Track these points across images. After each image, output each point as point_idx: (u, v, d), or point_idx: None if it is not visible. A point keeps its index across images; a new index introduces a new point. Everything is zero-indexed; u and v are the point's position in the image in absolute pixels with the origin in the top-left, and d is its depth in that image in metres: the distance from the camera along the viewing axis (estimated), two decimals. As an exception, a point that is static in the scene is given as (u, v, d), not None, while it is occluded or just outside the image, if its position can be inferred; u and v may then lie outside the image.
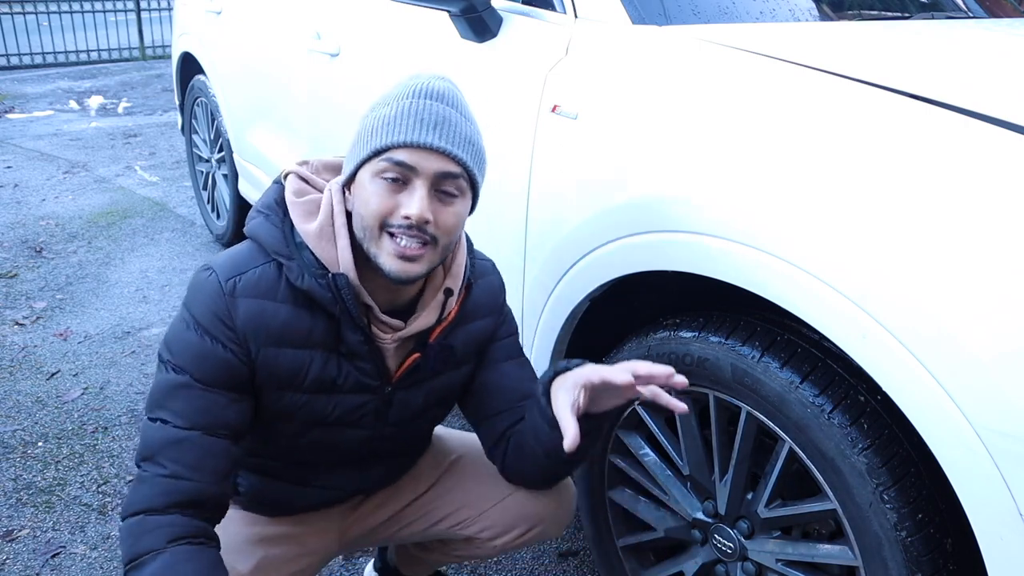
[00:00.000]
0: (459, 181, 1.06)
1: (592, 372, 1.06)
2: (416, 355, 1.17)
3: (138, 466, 1.05)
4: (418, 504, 1.37)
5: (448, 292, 1.16)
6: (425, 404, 1.24)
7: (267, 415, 1.14)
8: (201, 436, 1.04)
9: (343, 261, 1.07)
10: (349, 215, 1.10)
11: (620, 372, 1.02)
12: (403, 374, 1.18)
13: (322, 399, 1.14)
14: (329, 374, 1.12)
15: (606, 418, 1.16)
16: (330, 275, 1.06)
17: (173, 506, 1.02)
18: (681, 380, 1.01)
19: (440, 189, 1.05)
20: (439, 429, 1.47)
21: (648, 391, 1.02)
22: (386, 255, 1.04)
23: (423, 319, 1.15)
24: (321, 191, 1.14)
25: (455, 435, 1.46)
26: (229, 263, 1.08)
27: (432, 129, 1.03)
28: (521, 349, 1.33)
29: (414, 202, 1.02)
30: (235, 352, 1.06)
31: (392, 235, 1.04)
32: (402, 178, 1.03)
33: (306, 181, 1.15)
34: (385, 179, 1.03)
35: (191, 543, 1.01)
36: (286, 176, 1.15)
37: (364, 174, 1.05)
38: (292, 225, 1.10)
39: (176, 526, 1.01)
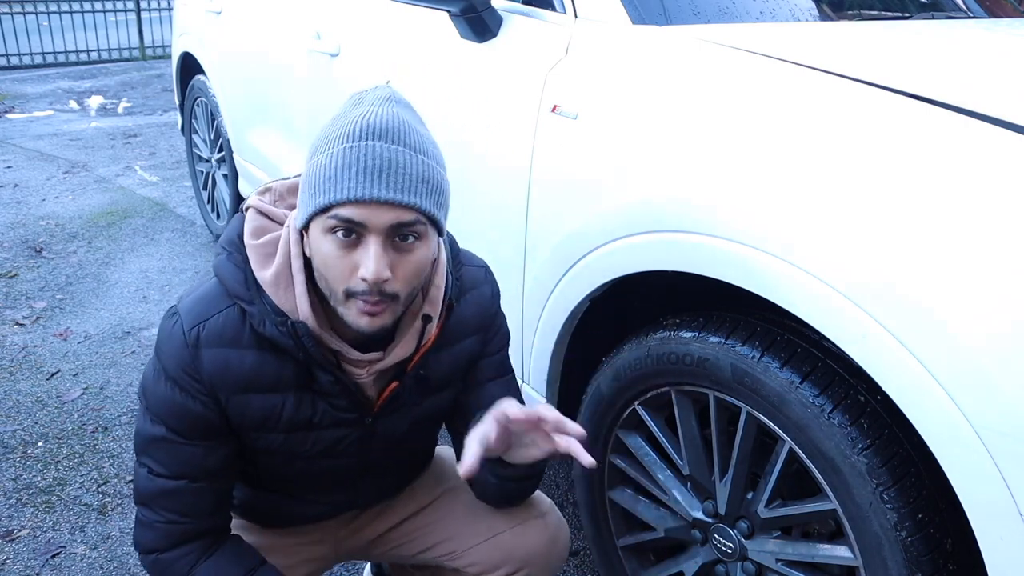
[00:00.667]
0: (417, 227, 0.97)
1: (504, 406, 1.03)
2: (394, 385, 1.13)
3: (136, 504, 1.13)
4: (409, 525, 1.35)
5: (426, 319, 1.10)
6: (411, 428, 1.21)
7: (249, 450, 1.14)
8: (187, 484, 1.09)
9: (301, 310, 1.02)
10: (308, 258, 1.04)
11: (524, 411, 1.00)
12: (383, 404, 1.14)
13: (300, 436, 1.12)
14: (304, 414, 1.10)
15: (529, 471, 1.14)
16: (289, 323, 1.01)
17: (177, 544, 1.12)
18: (578, 430, 0.99)
19: (396, 240, 0.97)
20: (443, 450, 1.44)
21: (564, 442, 0.99)
22: (353, 315, 0.99)
23: (400, 349, 1.09)
24: (282, 224, 1.08)
25: (455, 460, 1.42)
26: (194, 308, 1.05)
27: (377, 179, 0.93)
28: (509, 366, 1.28)
29: (369, 263, 0.94)
30: (204, 403, 1.05)
31: (356, 298, 0.98)
32: (355, 235, 0.95)
33: (267, 215, 1.08)
34: (337, 237, 0.95)
35: (210, 556, 1.13)
36: (247, 209, 1.09)
37: (315, 228, 0.97)
38: None
39: (191, 553, 1.12)
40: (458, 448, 1.28)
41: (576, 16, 1.54)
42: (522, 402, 1.26)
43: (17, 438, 2.23)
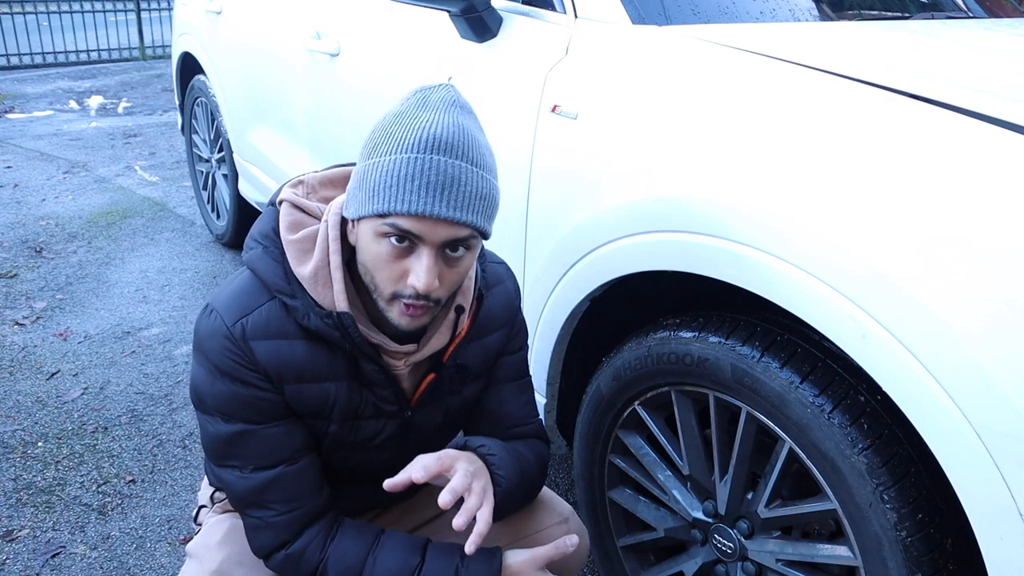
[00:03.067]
0: (470, 241, 0.99)
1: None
2: (431, 376, 1.14)
3: (242, 511, 1.12)
4: (430, 528, 1.34)
5: (459, 310, 1.11)
6: (445, 421, 1.22)
7: None
8: (286, 468, 1.09)
9: (339, 305, 1.03)
10: (345, 241, 1.05)
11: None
12: (421, 395, 1.16)
13: (346, 426, 1.13)
14: (353, 403, 1.11)
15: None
16: (335, 314, 1.02)
17: (299, 532, 1.11)
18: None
19: (448, 252, 0.98)
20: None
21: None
22: (395, 314, 1.01)
23: (435, 340, 1.11)
24: (318, 218, 1.09)
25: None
26: (232, 303, 1.04)
27: (439, 196, 0.93)
28: (527, 368, 1.29)
29: (421, 274, 0.96)
30: (269, 388, 1.05)
31: (402, 300, 1.00)
32: (408, 243, 0.97)
33: (301, 209, 1.09)
34: (389, 241, 0.96)
35: (334, 537, 1.12)
36: (281, 202, 1.09)
37: (367, 227, 0.98)
38: None
39: (317, 537, 1.11)
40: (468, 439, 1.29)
41: (576, 16, 1.54)
42: (534, 404, 1.29)
43: (17, 438, 2.23)
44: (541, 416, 1.39)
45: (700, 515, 1.35)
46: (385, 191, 0.94)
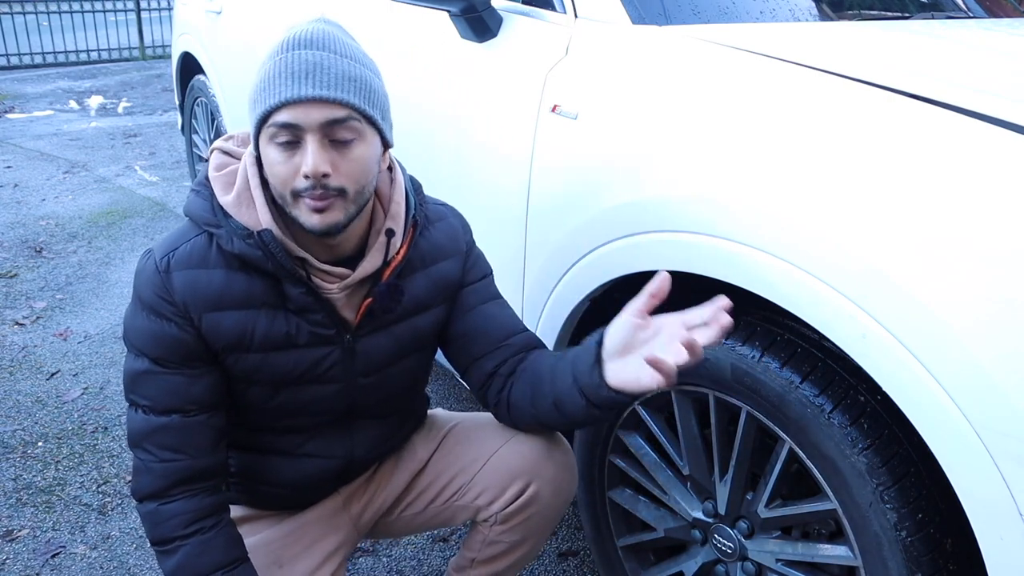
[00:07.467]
0: (351, 123, 1.03)
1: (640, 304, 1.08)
2: (369, 300, 1.18)
3: (132, 450, 1.16)
4: (418, 482, 1.38)
5: (390, 233, 1.16)
6: (395, 351, 1.24)
7: (234, 382, 1.18)
8: (177, 419, 1.13)
9: (263, 219, 1.09)
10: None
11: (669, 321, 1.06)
12: (361, 320, 1.18)
13: (279, 357, 1.16)
14: (278, 331, 1.14)
15: (614, 404, 1.13)
16: (256, 233, 1.08)
17: (174, 486, 1.14)
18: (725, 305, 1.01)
19: (334, 138, 1.03)
20: (436, 411, 1.48)
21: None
22: (304, 214, 1.05)
23: (367, 263, 1.15)
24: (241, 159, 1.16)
25: (450, 413, 1.47)
26: (165, 242, 1.12)
27: (304, 80, 1.00)
28: (497, 291, 1.33)
29: (307, 159, 1.01)
30: (180, 326, 1.10)
31: (303, 196, 1.04)
32: (294, 138, 1.02)
33: (229, 154, 1.17)
34: (279, 143, 1.03)
35: (204, 531, 1.14)
36: (212, 152, 1.18)
37: (262, 141, 1.05)
38: None
39: (188, 512, 1.13)
40: (470, 379, 1.31)
41: (576, 16, 1.54)
42: (518, 318, 1.33)
43: (17, 438, 2.23)
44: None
45: (700, 515, 1.35)
46: (259, 95, 1.03)
